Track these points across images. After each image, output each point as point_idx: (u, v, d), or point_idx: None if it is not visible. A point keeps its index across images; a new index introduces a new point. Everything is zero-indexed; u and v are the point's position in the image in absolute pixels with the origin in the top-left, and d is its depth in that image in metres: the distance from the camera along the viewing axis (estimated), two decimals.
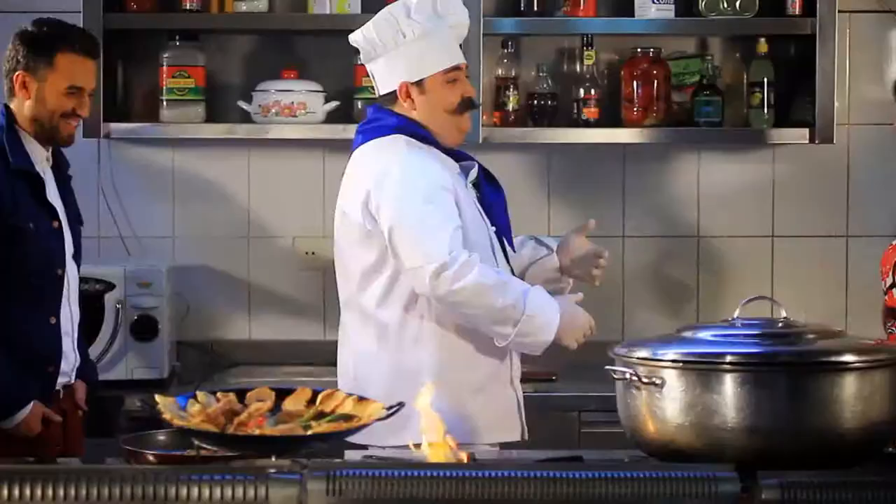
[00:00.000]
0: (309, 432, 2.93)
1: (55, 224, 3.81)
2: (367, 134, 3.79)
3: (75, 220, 3.93)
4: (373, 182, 3.67)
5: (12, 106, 3.83)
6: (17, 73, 3.81)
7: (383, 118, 3.78)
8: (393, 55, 3.78)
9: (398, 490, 2.58)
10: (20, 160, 3.77)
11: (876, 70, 5.05)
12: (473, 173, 3.80)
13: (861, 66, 5.03)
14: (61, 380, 3.85)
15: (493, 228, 3.79)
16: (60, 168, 3.93)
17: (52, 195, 3.85)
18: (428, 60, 3.76)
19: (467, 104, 3.79)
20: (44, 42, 3.80)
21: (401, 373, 3.67)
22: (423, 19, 3.75)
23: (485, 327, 3.65)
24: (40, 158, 3.84)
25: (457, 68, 3.78)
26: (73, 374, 3.90)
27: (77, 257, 3.93)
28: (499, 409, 3.77)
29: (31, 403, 3.75)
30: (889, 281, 3.82)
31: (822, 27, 4.71)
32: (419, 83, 3.77)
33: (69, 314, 3.87)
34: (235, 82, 5.00)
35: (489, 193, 3.80)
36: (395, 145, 3.73)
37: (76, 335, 3.91)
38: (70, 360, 3.87)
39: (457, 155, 3.82)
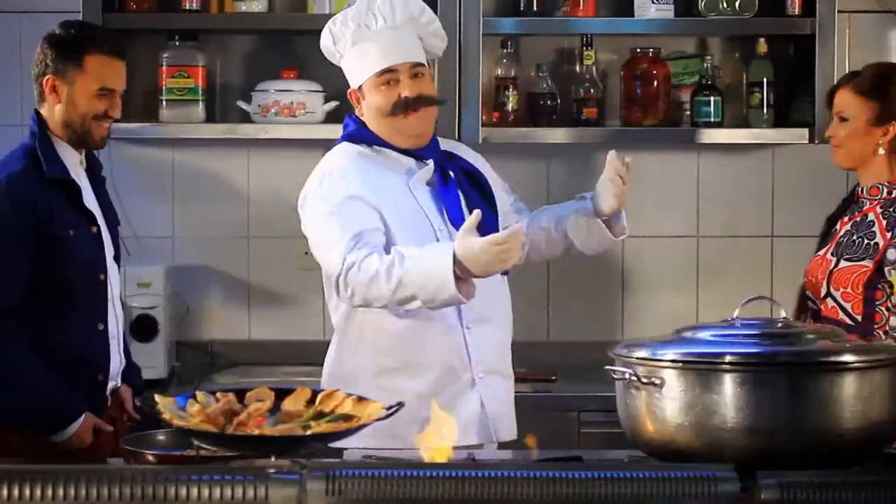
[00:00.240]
0: (308, 432, 2.93)
1: (94, 229, 3.78)
2: (336, 143, 3.90)
3: (113, 222, 3.91)
4: (301, 198, 3.82)
5: (43, 111, 3.80)
6: (46, 78, 3.78)
7: (347, 126, 3.90)
8: (343, 63, 3.89)
9: (397, 490, 2.58)
10: (55, 168, 3.73)
11: None
12: (424, 174, 3.80)
13: (860, 66, 5.02)
14: (108, 385, 3.82)
15: (443, 224, 3.77)
16: (94, 170, 3.90)
17: (90, 200, 3.82)
18: (363, 66, 3.82)
19: (403, 105, 3.76)
20: (72, 44, 3.77)
21: (342, 377, 3.74)
22: (354, 26, 3.82)
23: (407, 308, 3.64)
24: (74, 163, 3.81)
25: (389, 71, 3.77)
26: (119, 377, 3.87)
27: (117, 258, 3.91)
28: (456, 416, 3.42)
29: (83, 416, 3.70)
30: (825, 290, 3.80)
31: (821, 27, 4.72)
32: (360, 89, 3.84)
33: (115, 317, 3.84)
34: (235, 82, 5.00)
35: (442, 192, 3.79)
36: (330, 157, 3.85)
37: (121, 337, 3.89)
38: (116, 364, 3.84)
39: (418, 154, 3.82)
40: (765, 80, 4.86)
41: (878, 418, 2.86)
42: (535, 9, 4.82)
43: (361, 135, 3.86)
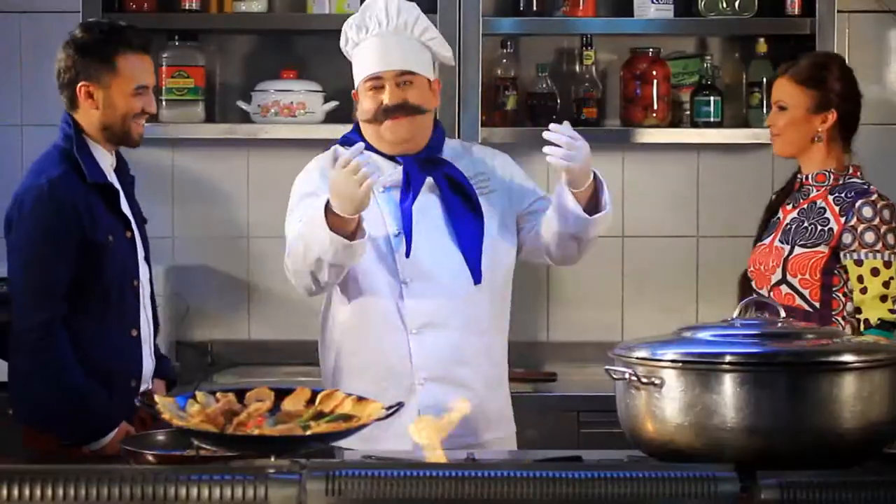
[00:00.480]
0: (308, 432, 2.93)
1: (129, 234, 3.76)
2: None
3: (140, 222, 3.88)
4: None
5: (77, 117, 3.73)
6: (79, 85, 3.70)
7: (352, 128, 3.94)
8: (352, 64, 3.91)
9: (397, 490, 2.58)
10: (95, 173, 3.70)
11: (875, 70, 5.06)
12: (388, 180, 3.81)
13: (860, 66, 5.01)
14: (141, 389, 3.77)
15: (398, 230, 3.79)
16: (123, 172, 3.87)
17: (125, 204, 3.79)
18: (357, 70, 3.85)
19: (384, 112, 3.77)
20: (100, 47, 3.70)
21: (324, 376, 3.88)
22: (356, 29, 3.83)
23: (328, 274, 3.69)
24: (108, 166, 3.78)
25: (375, 77, 3.79)
26: (150, 380, 3.84)
27: (147, 258, 3.88)
28: (390, 421, 3.33)
29: (120, 426, 3.66)
30: (777, 277, 3.81)
31: (821, 27, 4.72)
32: (357, 92, 3.87)
33: (146, 321, 3.82)
34: (235, 82, 5.00)
35: (401, 201, 3.80)
36: (313, 161, 3.95)
37: (152, 339, 3.87)
38: (148, 368, 3.82)
39: (399, 160, 3.83)
40: (764, 80, 4.86)
41: (877, 418, 2.86)
42: (534, 9, 4.82)
43: (349, 136, 3.90)
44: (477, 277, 3.78)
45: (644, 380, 2.90)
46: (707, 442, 2.84)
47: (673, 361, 2.89)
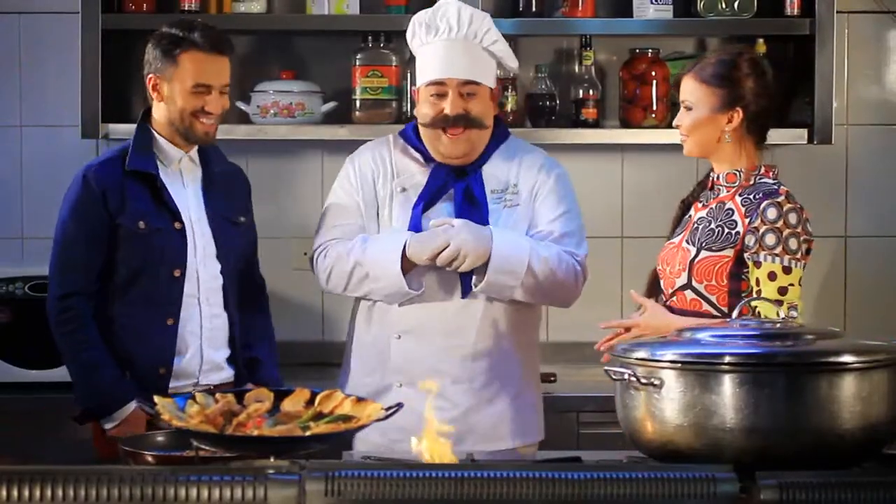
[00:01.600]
0: (307, 433, 2.93)
1: (177, 225, 3.82)
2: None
3: (224, 219, 3.91)
4: None
5: (153, 110, 3.89)
6: (149, 76, 3.85)
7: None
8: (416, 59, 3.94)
9: (396, 491, 2.58)
10: (136, 162, 3.81)
11: (874, 71, 5.06)
12: (406, 182, 3.88)
13: (859, 66, 5.04)
14: (181, 383, 3.81)
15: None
16: (211, 168, 3.93)
17: (181, 196, 3.86)
18: (420, 71, 3.87)
19: (443, 121, 3.81)
20: (169, 43, 3.83)
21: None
22: (425, 28, 3.83)
23: (364, 295, 3.84)
24: (174, 159, 3.87)
25: (439, 83, 3.81)
26: (203, 377, 3.86)
27: (228, 255, 3.90)
28: None
29: (132, 403, 3.73)
30: (682, 281, 3.71)
31: (820, 28, 4.72)
32: (417, 91, 3.89)
33: (196, 316, 3.85)
34: (234, 83, 4.97)
35: (415, 205, 3.84)
36: (362, 148, 4.02)
37: (208, 338, 3.87)
38: (194, 363, 3.85)
39: (437, 166, 3.87)
40: None
41: (876, 419, 2.86)
42: (533, 9, 4.82)
43: (408, 134, 3.95)
44: (465, 291, 3.80)
45: (643, 380, 2.90)
46: (706, 442, 2.84)
47: (672, 362, 2.89)
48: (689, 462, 2.78)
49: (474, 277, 3.77)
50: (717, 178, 3.73)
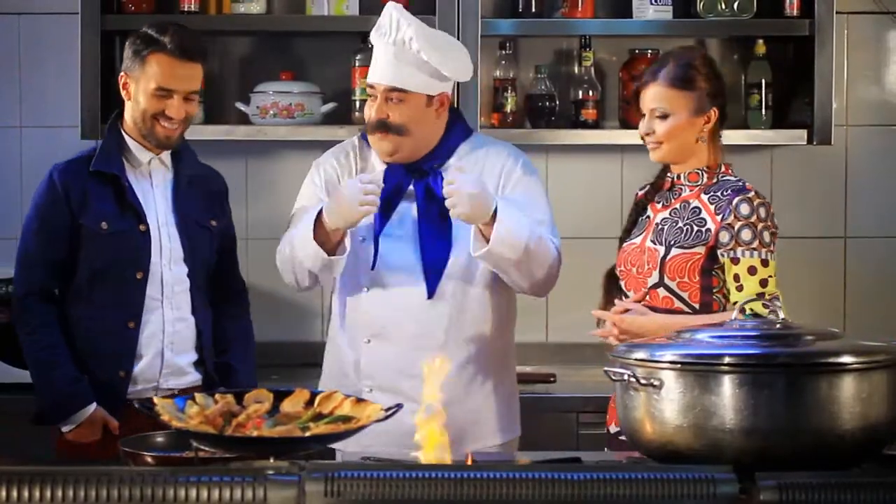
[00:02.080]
0: (307, 434, 2.93)
1: (141, 227, 3.80)
2: None
3: (194, 223, 3.90)
4: None
5: (125, 109, 3.89)
6: (120, 75, 3.85)
7: None
8: None
9: (396, 491, 2.58)
10: (101, 163, 3.80)
11: (874, 71, 5.06)
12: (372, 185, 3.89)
13: (859, 67, 5.04)
14: (140, 387, 3.79)
15: (366, 232, 3.86)
16: (181, 171, 3.91)
17: (149, 198, 3.84)
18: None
19: (370, 125, 3.83)
20: (141, 43, 3.82)
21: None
22: (374, 30, 3.85)
23: (308, 277, 3.89)
24: (143, 161, 3.85)
25: (371, 86, 3.84)
26: (165, 380, 3.83)
27: (195, 258, 3.88)
28: None
29: (92, 406, 3.73)
30: (654, 279, 3.73)
31: (819, 28, 4.72)
32: None
33: (160, 320, 3.82)
34: (233, 84, 5.00)
35: (379, 208, 3.81)
36: (328, 151, 4.05)
37: (171, 342, 3.84)
38: (155, 366, 3.82)
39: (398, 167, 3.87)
40: (763, 81, 4.86)
41: (876, 419, 2.86)
42: (533, 10, 4.82)
43: (364, 134, 3.96)
44: (430, 292, 3.80)
45: (643, 381, 2.90)
46: (706, 443, 2.84)
47: (672, 363, 2.89)
48: (688, 463, 2.78)
49: (474, 243, 3.74)
50: (678, 177, 3.76)
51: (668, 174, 3.78)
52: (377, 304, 3.85)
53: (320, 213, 3.75)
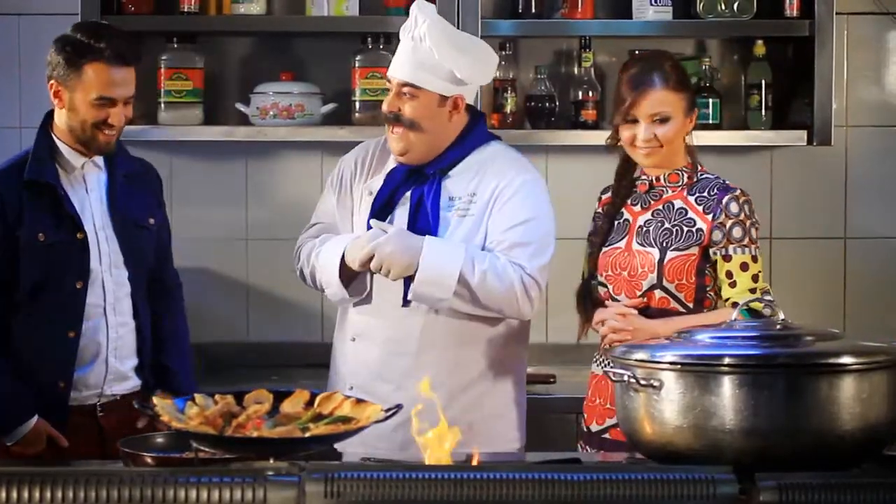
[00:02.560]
0: (307, 434, 2.93)
1: (78, 235, 3.72)
2: None
3: (132, 224, 3.83)
4: None
5: (55, 115, 3.78)
6: (51, 82, 3.73)
7: None
8: None
9: (396, 492, 2.58)
10: (34, 171, 3.70)
11: (874, 72, 5.06)
12: (369, 186, 3.92)
13: (859, 68, 5.03)
14: (83, 393, 3.74)
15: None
16: (114, 172, 3.83)
17: (84, 204, 3.76)
18: None
19: (383, 118, 3.87)
20: (74, 51, 3.70)
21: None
22: (403, 27, 3.86)
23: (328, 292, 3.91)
24: (76, 166, 3.77)
25: (389, 80, 3.88)
26: (107, 388, 3.77)
27: (136, 261, 3.81)
28: None
29: (34, 418, 3.66)
30: (650, 282, 3.73)
31: (819, 29, 4.72)
32: None
33: (103, 328, 3.76)
34: (233, 84, 5.00)
35: (371, 210, 3.85)
36: (355, 148, 4.09)
37: (115, 350, 3.79)
38: (99, 373, 3.76)
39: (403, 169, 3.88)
40: (763, 82, 4.86)
41: (876, 420, 2.86)
42: (533, 11, 4.82)
43: None
44: (405, 300, 3.81)
45: (643, 382, 2.90)
46: (706, 444, 2.84)
47: (672, 363, 2.89)
48: (688, 463, 2.78)
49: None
50: (657, 179, 3.79)
51: (644, 176, 3.80)
52: (360, 305, 3.89)
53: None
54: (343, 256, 3.80)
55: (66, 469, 2.61)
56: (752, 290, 3.66)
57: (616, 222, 3.82)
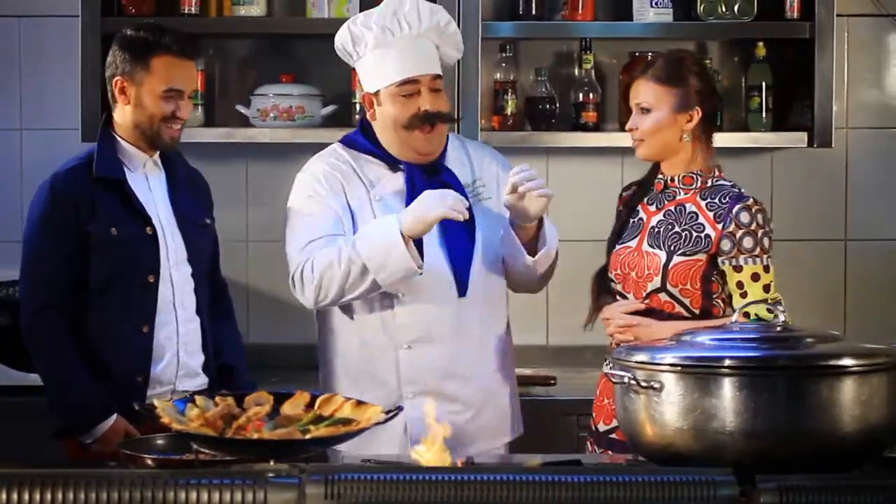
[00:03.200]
0: (307, 436, 2.93)
1: (148, 230, 3.77)
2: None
3: (192, 223, 3.87)
4: None
5: (115, 113, 3.83)
6: (115, 79, 3.80)
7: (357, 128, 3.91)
8: (359, 66, 3.82)
9: (396, 494, 2.58)
10: (103, 167, 3.76)
11: (874, 74, 5.06)
12: (389, 186, 3.80)
13: (859, 70, 5.04)
14: (157, 390, 3.76)
15: None
16: (174, 171, 3.89)
17: (149, 200, 3.81)
18: (383, 72, 3.75)
19: (422, 119, 3.73)
20: (140, 46, 3.77)
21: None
22: (378, 30, 3.74)
23: (361, 294, 3.69)
24: (139, 164, 3.83)
25: (411, 81, 3.73)
26: (180, 383, 3.81)
27: (197, 258, 3.87)
28: (377, 436, 3.59)
29: (113, 417, 3.70)
30: (655, 285, 3.74)
31: (820, 31, 4.72)
32: (376, 94, 3.79)
33: (173, 322, 3.81)
34: (234, 86, 5.00)
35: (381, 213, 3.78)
36: (313, 160, 3.89)
37: (184, 343, 3.82)
38: (169, 370, 3.80)
39: (403, 167, 3.80)
40: (763, 83, 4.87)
41: (877, 422, 2.86)
42: (533, 12, 4.83)
43: (357, 142, 3.86)
44: (462, 291, 3.76)
45: (643, 384, 2.90)
46: (706, 445, 2.84)
47: (672, 365, 2.89)
48: (688, 465, 2.78)
49: (523, 246, 3.74)
50: (672, 180, 3.78)
51: (660, 175, 3.80)
52: (412, 309, 3.76)
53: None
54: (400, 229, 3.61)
55: (66, 471, 2.61)
56: (765, 301, 3.55)
57: (632, 220, 3.83)
